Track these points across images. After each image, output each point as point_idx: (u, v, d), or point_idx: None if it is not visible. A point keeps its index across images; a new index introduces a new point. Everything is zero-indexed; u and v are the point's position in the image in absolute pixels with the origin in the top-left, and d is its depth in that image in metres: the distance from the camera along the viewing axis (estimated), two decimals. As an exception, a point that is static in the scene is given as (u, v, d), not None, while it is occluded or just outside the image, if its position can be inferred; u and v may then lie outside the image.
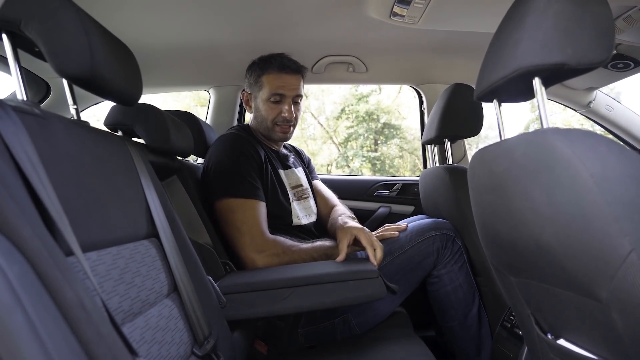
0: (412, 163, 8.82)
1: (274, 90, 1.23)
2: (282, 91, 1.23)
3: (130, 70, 0.74)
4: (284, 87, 1.23)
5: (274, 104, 1.24)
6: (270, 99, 1.23)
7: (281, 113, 1.24)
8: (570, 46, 0.57)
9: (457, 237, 1.17)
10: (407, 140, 8.75)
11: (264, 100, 1.24)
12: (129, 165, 0.77)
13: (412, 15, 1.11)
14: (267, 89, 1.23)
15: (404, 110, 8.44)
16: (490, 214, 0.74)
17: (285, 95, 1.24)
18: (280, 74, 1.23)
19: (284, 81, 1.23)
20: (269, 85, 1.23)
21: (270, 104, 1.24)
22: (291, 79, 1.24)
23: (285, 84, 1.23)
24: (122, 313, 0.56)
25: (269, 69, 1.24)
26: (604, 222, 0.48)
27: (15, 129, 0.44)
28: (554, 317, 0.71)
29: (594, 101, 1.67)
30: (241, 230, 1.07)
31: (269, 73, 1.23)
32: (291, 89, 1.24)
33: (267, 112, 1.25)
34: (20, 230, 0.35)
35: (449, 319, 1.18)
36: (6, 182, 0.37)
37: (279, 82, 1.23)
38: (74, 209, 0.53)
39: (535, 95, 0.62)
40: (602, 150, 0.51)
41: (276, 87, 1.23)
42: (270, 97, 1.23)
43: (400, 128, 8.57)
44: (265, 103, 1.24)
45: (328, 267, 0.97)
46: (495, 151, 0.69)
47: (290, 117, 1.25)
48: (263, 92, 1.24)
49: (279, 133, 1.27)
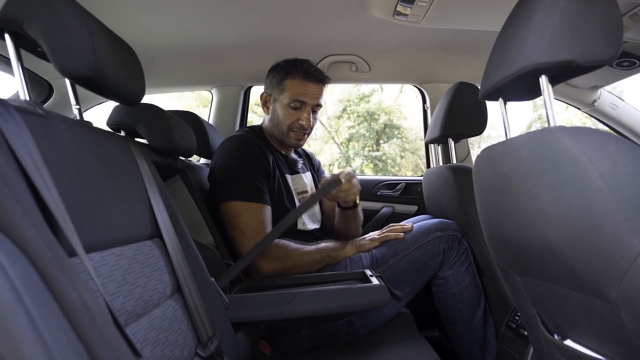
0: (413, 163, 8.81)
1: (296, 96, 1.21)
2: (304, 99, 1.22)
3: (133, 70, 0.73)
4: (306, 94, 1.22)
5: (294, 110, 1.23)
6: (290, 105, 1.22)
7: (299, 120, 1.23)
8: (578, 44, 0.56)
9: (463, 238, 1.16)
10: (408, 140, 8.74)
11: (284, 104, 1.23)
12: (132, 166, 0.77)
13: (415, 14, 1.10)
14: (288, 94, 1.22)
15: (405, 110, 8.44)
16: (496, 214, 0.73)
17: (306, 103, 1.22)
18: (304, 80, 1.22)
19: (307, 89, 1.22)
20: (291, 90, 1.22)
21: (289, 109, 1.23)
22: (314, 88, 1.23)
23: (307, 91, 1.22)
24: (126, 314, 0.55)
25: (293, 74, 1.22)
26: (614, 221, 0.47)
27: (18, 129, 0.44)
28: (561, 317, 0.70)
29: (598, 100, 1.66)
30: (246, 233, 1.07)
31: (293, 78, 1.22)
32: (313, 97, 1.23)
33: (285, 116, 1.23)
34: (23, 230, 0.35)
35: (454, 320, 1.17)
36: (9, 183, 0.37)
37: (302, 89, 1.22)
38: (77, 209, 0.53)
39: (542, 94, 0.62)
40: (611, 148, 0.50)
41: (299, 93, 1.22)
42: (290, 103, 1.22)
43: (402, 128, 8.56)
44: (285, 108, 1.23)
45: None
46: (501, 150, 0.68)
47: (307, 125, 1.25)
48: (284, 96, 1.23)
49: (292, 139, 1.26)
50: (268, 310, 0.90)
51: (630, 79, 1.48)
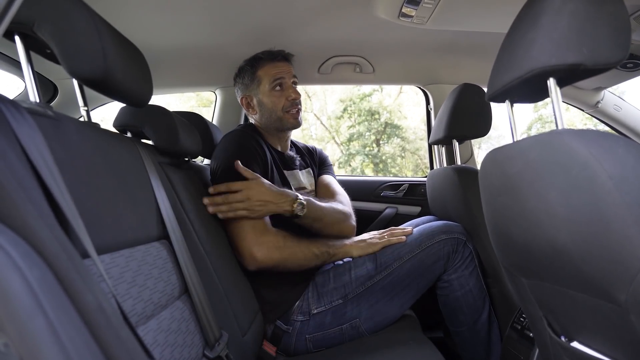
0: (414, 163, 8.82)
1: (273, 77, 1.26)
2: (281, 75, 1.26)
3: (141, 71, 0.74)
4: (281, 72, 1.27)
5: (278, 92, 1.26)
6: (273, 88, 1.26)
7: (287, 98, 1.26)
8: (586, 46, 0.56)
9: (468, 241, 1.14)
10: (409, 140, 8.75)
11: (267, 92, 1.26)
12: (140, 167, 0.77)
13: (420, 15, 1.10)
14: (266, 80, 1.26)
15: (405, 110, 8.45)
16: (503, 216, 0.73)
17: (284, 78, 1.27)
18: (273, 62, 1.27)
19: (279, 67, 1.27)
20: (266, 76, 1.26)
21: (274, 93, 1.26)
22: (285, 65, 1.29)
23: (281, 69, 1.27)
24: (136, 316, 0.56)
25: (260, 63, 1.28)
26: (624, 224, 0.47)
27: (31, 132, 0.44)
28: (568, 319, 0.70)
29: (602, 101, 1.66)
30: (243, 222, 1.04)
31: (262, 66, 1.27)
32: (288, 73, 1.28)
33: (274, 102, 1.26)
34: (38, 232, 0.35)
35: (458, 324, 1.16)
36: (24, 185, 0.37)
37: (275, 70, 1.27)
38: (88, 211, 0.53)
39: (550, 96, 0.62)
40: (620, 151, 0.50)
41: (274, 74, 1.26)
42: (272, 86, 1.26)
43: (402, 128, 8.57)
44: (269, 95, 1.26)
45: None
46: (509, 152, 0.68)
47: (297, 96, 1.28)
48: (263, 85, 1.27)
49: (291, 119, 1.28)
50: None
51: (632, 80, 1.49)
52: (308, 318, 1.08)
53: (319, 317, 1.08)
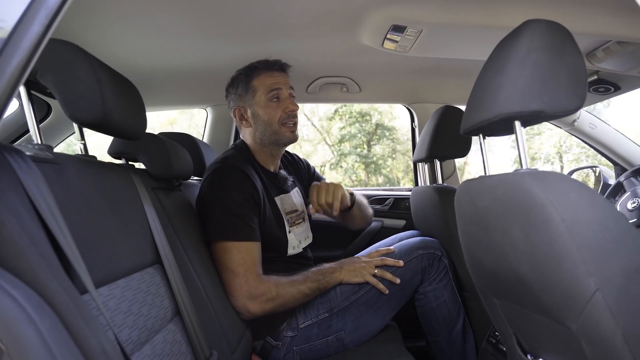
0: (404, 164, 8.90)
1: (270, 87, 1.19)
2: (278, 86, 1.19)
3: (135, 108, 0.78)
4: (278, 82, 1.19)
5: (275, 103, 1.19)
6: (270, 99, 1.19)
7: (285, 110, 1.19)
8: (547, 95, 0.62)
9: (443, 257, 1.21)
10: (400, 141, 8.83)
11: (263, 103, 1.19)
12: (134, 195, 0.81)
13: (403, 45, 1.16)
14: (262, 90, 1.19)
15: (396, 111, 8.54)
16: (475, 243, 0.79)
17: (281, 89, 1.20)
18: (269, 72, 1.20)
19: (276, 77, 1.20)
20: (262, 85, 1.19)
21: (270, 104, 1.19)
22: (281, 76, 1.21)
23: (277, 79, 1.20)
24: (132, 344, 0.60)
25: (256, 72, 1.20)
26: (573, 263, 0.53)
27: (36, 180, 0.48)
28: (533, 339, 0.76)
29: (578, 119, 1.74)
30: (236, 272, 1.04)
31: (258, 75, 1.20)
32: (285, 83, 1.21)
33: (270, 114, 1.19)
34: (48, 285, 0.39)
35: (434, 333, 1.23)
36: (34, 238, 0.41)
37: (271, 80, 1.19)
38: (87, 246, 0.57)
39: (515, 137, 0.68)
40: (573, 196, 0.56)
41: (271, 84, 1.19)
42: (269, 97, 1.19)
43: (393, 129, 8.65)
44: (266, 106, 1.19)
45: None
46: (479, 186, 0.74)
47: (295, 108, 1.21)
48: (259, 95, 1.19)
49: (287, 133, 1.21)
50: None
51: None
52: (297, 333, 1.13)
53: (306, 330, 1.13)
